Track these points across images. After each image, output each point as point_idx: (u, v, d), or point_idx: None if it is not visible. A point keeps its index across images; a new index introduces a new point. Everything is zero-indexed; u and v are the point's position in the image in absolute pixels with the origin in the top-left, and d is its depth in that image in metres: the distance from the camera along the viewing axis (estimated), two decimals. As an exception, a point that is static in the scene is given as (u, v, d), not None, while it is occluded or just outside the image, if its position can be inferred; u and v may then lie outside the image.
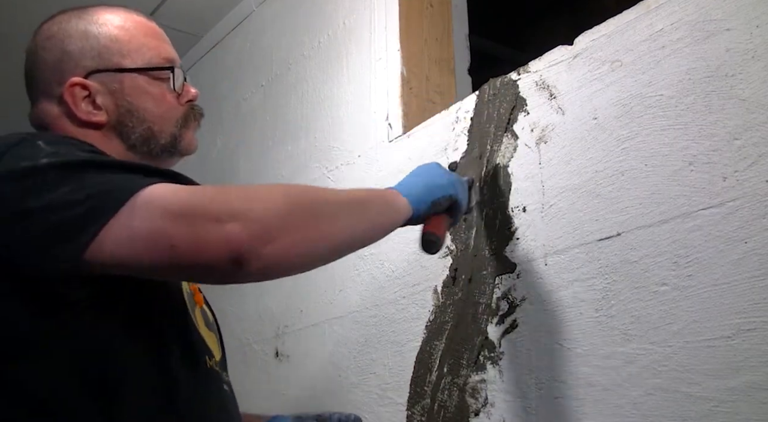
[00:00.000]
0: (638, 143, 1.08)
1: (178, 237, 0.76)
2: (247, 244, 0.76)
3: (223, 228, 0.76)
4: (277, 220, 0.79)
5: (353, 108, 1.73)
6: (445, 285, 1.35)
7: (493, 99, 1.35)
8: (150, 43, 1.03)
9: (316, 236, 0.84)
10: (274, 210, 0.80)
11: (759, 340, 0.90)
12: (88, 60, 0.99)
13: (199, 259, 0.77)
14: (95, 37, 1.00)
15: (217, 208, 0.78)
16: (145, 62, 1.01)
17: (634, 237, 1.06)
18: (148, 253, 0.77)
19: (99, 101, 0.98)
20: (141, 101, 1.00)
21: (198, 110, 1.09)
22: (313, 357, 1.66)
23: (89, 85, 0.98)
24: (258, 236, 0.77)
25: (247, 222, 0.77)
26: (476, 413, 1.23)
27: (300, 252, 0.82)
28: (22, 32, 2.39)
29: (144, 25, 1.04)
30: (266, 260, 0.78)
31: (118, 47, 1.00)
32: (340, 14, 1.86)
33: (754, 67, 0.96)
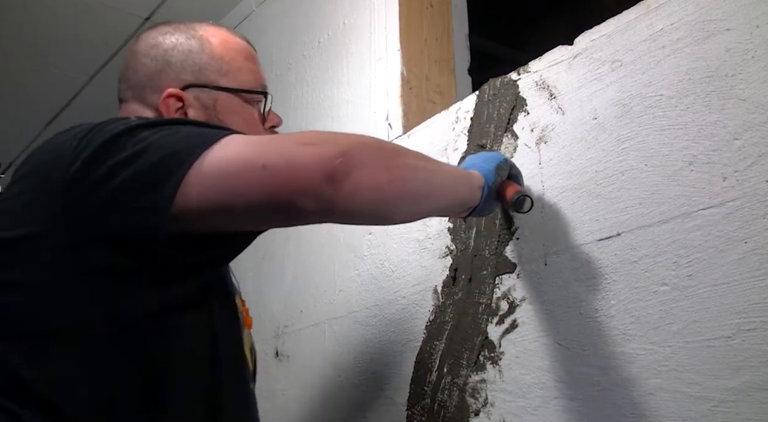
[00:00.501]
0: (638, 143, 1.08)
1: (267, 157, 0.76)
2: (338, 160, 0.77)
3: (313, 148, 0.77)
4: (365, 149, 0.82)
5: (353, 108, 1.73)
6: (445, 285, 1.35)
7: (493, 99, 1.35)
8: (248, 66, 1.06)
9: (403, 170, 0.86)
10: (367, 144, 0.83)
11: (759, 340, 0.90)
12: (188, 73, 1.02)
13: (292, 177, 0.76)
14: (198, 52, 1.03)
15: (303, 137, 0.80)
16: (241, 84, 1.04)
17: (634, 237, 1.06)
18: (238, 179, 0.76)
19: (190, 114, 1.01)
20: (230, 120, 1.02)
21: None
22: (313, 357, 1.66)
23: (184, 97, 1.01)
24: (348, 156, 0.78)
25: (337, 145, 0.79)
26: (476, 413, 1.23)
27: (388, 181, 0.83)
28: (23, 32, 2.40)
29: (245, 49, 1.08)
30: (357, 181, 0.79)
31: (219, 65, 1.03)
32: (340, 14, 1.86)
33: (754, 67, 0.96)
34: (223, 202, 0.77)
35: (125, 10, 2.29)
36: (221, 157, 0.77)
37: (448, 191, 0.98)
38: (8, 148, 2.95)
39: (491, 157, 1.10)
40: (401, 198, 0.87)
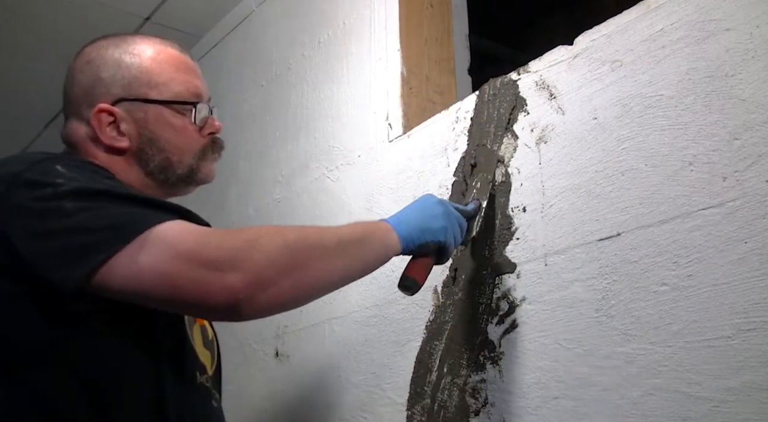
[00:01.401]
0: (638, 143, 1.08)
1: (181, 280, 0.82)
2: (243, 293, 0.82)
3: (223, 277, 0.82)
4: (274, 269, 0.85)
5: (353, 108, 1.73)
6: (445, 285, 1.35)
7: (493, 99, 1.35)
8: (179, 77, 1.08)
9: (309, 281, 0.90)
10: (271, 258, 0.85)
11: (759, 340, 0.90)
12: (118, 88, 1.04)
13: (199, 302, 0.83)
14: (128, 66, 1.05)
15: (220, 256, 0.83)
16: (171, 95, 1.06)
17: (634, 237, 1.06)
18: (151, 289, 0.82)
19: (123, 128, 1.04)
20: (162, 131, 1.05)
21: (219, 143, 1.15)
22: (313, 357, 1.65)
23: (115, 112, 1.03)
24: (254, 285, 0.83)
25: (246, 272, 0.82)
26: (476, 413, 1.23)
27: (293, 295, 0.88)
28: (23, 32, 2.40)
29: (176, 59, 1.09)
30: (261, 305, 0.84)
31: (147, 78, 1.05)
32: (340, 14, 1.86)
33: (754, 67, 0.96)
34: (134, 298, 0.84)
35: (125, 10, 2.29)
36: (137, 262, 0.81)
37: (360, 275, 1.01)
38: (8, 148, 2.95)
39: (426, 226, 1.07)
40: (308, 301, 0.93)
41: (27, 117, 2.79)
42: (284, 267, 0.86)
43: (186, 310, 0.91)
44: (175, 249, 0.82)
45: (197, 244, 0.83)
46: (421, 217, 1.08)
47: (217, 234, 0.86)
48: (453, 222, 1.11)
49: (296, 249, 0.88)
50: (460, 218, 1.14)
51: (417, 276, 1.10)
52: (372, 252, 1.00)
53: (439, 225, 1.08)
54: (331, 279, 0.94)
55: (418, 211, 1.09)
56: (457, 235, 1.13)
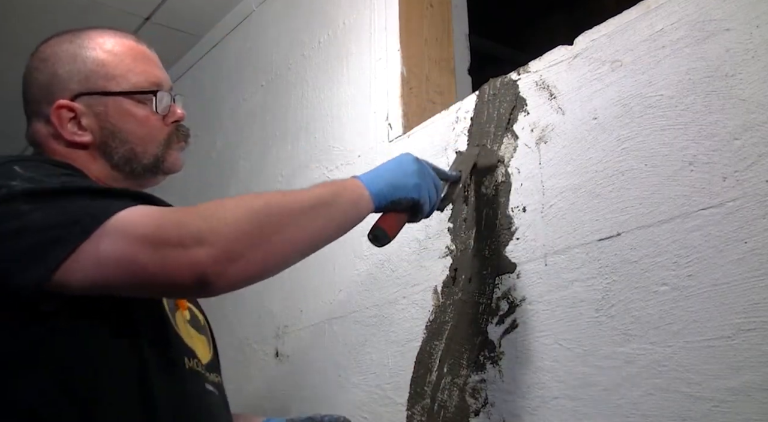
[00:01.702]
0: (638, 143, 1.08)
1: (144, 262, 0.80)
2: (211, 267, 0.80)
3: (187, 253, 0.80)
4: (241, 239, 0.83)
5: (353, 108, 1.73)
6: (445, 285, 1.35)
7: (493, 99, 1.35)
8: (137, 67, 1.06)
9: (281, 248, 0.87)
10: (237, 229, 0.83)
11: (759, 340, 0.90)
12: (75, 83, 1.03)
13: (167, 282, 0.81)
14: (83, 60, 1.04)
15: (182, 233, 0.81)
16: (130, 86, 1.05)
17: (634, 237, 1.06)
18: (117, 277, 0.81)
19: (84, 123, 1.03)
20: (124, 123, 1.04)
21: (183, 131, 1.13)
22: (313, 357, 1.66)
23: (75, 108, 1.02)
24: (222, 258, 0.81)
25: (212, 245, 0.80)
26: (476, 413, 1.23)
27: (264, 264, 0.86)
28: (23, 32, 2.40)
29: (133, 49, 1.08)
30: (231, 278, 0.82)
31: (105, 71, 1.04)
32: (340, 14, 1.86)
33: (754, 67, 0.96)
34: (100, 286, 0.82)
35: (125, 10, 2.29)
36: (97, 253, 0.80)
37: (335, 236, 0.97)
38: (8, 148, 2.95)
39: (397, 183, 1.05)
40: (279, 269, 0.90)
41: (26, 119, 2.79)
42: (253, 237, 0.83)
43: (156, 292, 0.89)
44: (135, 234, 0.80)
45: (156, 225, 0.81)
46: (394, 174, 1.05)
47: (176, 212, 0.84)
48: (428, 182, 1.09)
49: (263, 216, 0.86)
50: (435, 178, 1.12)
51: (388, 228, 1.06)
52: (341, 212, 0.97)
53: (413, 183, 1.06)
54: (303, 244, 0.91)
55: (391, 168, 1.07)
56: (432, 195, 1.10)
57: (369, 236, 1.07)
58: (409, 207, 1.07)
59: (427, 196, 1.08)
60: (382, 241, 1.07)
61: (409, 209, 1.08)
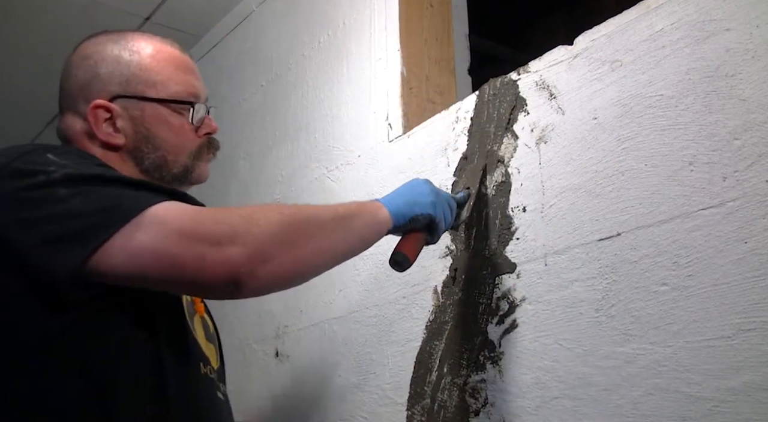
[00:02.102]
0: (638, 143, 1.08)
1: (180, 256, 0.81)
2: (244, 267, 0.81)
3: (222, 251, 0.81)
4: (273, 242, 0.85)
5: (353, 108, 1.73)
6: (445, 285, 1.35)
7: (493, 99, 1.35)
8: (178, 76, 1.07)
9: (309, 254, 0.90)
10: (269, 232, 0.85)
11: (759, 340, 0.90)
12: (116, 85, 1.04)
13: (200, 278, 0.81)
14: (126, 64, 1.05)
15: (218, 231, 0.82)
16: (169, 94, 1.06)
17: (634, 237, 1.06)
18: (151, 268, 0.81)
19: (119, 124, 1.03)
20: (159, 130, 1.05)
21: (214, 143, 1.15)
22: (313, 357, 1.66)
23: (112, 109, 1.03)
24: (254, 258, 0.82)
25: (245, 245, 0.82)
26: (476, 413, 1.23)
27: (293, 269, 0.88)
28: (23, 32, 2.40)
29: (176, 58, 1.09)
30: (262, 280, 0.83)
31: (146, 76, 1.05)
32: (340, 14, 1.86)
33: (754, 67, 0.96)
34: (133, 278, 0.83)
35: (125, 10, 2.29)
36: (134, 242, 0.81)
37: (356, 251, 1.02)
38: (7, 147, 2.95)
39: (415, 201, 1.10)
40: (308, 277, 0.93)
41: (27, 117, 2.79)
42: (283, 241, 0.86)
43: (187, 289, 0.90)
44: (172, 227, 0.81)
45: (194, 221, 0.83)
46: (410, 194, 1.10)
47: (213, 211, 0.86)
48: (442, 201, 1.13)
49: (294, 222, 0.89)
50: (449, 199, 1.17)
51: (408, 251, 1.10)
52: (364, 225, 1.01)
53: (428, 200, 1.10)
54: (329, 253, 0.94)
55: (406, 190, 1.11)
56: (447, 213, 1.14)
57: (390, 262, 1.11)
58: (425, 224, 1.10)
59: (442, 214, 1.12)
60: (403, 266, 1.11)
61: (426, 227, 1.11)
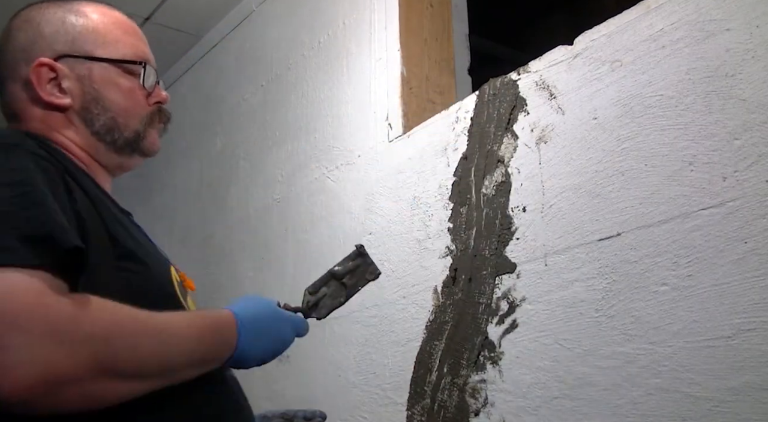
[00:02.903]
0: (638, 143, 1.08)
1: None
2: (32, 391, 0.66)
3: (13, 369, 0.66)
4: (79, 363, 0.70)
5: (353, 108, 1.73)
6: (445, 285, 1.35)
7: (493, 99, 1.35)
8: (127, 39, 1.04)
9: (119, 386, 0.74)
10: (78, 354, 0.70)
11: (759, 340, 0.90)
12: (61, 44, 0.99)
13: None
14: (72, 24, 1.00)
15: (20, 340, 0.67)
16: (118, 55, 1.01)
17: (634, 237, 1.06)
18: None
19: (65, 85, 0.98)
20: (108, 91, 1.00)
21: (165, 113, 1.09)
22: (313, 357, 1.65)
23: (57, 68, 0.98)
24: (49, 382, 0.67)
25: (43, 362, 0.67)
26: (476, 413, 1.23)
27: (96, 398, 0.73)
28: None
29: (124, 23, 1.06)
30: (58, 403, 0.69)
31: (94, 37, 1.01)
32: (340, 14, 1.86)
33: (754, 67, 0.96)
34: None
35: (125, 10, 2.29)
36: None
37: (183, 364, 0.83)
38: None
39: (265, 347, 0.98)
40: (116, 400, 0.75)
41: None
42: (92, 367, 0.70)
43: None
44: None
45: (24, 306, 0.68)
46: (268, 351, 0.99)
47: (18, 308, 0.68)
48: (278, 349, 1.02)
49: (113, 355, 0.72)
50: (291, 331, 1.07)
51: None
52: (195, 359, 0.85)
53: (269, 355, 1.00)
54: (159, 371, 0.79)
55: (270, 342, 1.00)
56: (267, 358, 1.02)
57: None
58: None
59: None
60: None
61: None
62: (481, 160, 1.33)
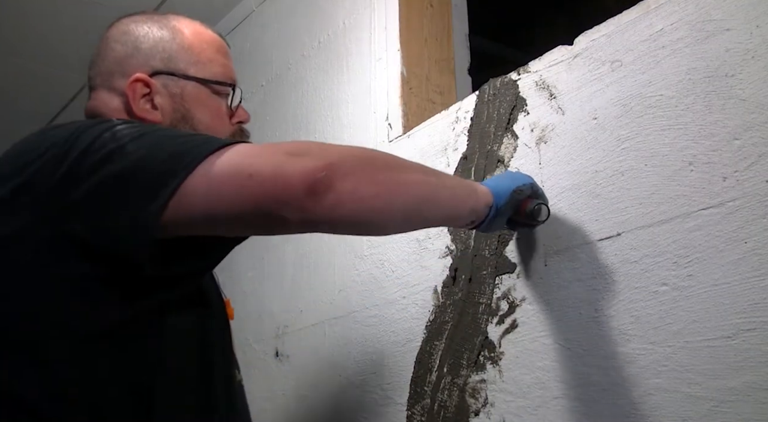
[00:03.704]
0: (638, 143, 1.08)
1: (255, 167, 0.77)
2: (321, 173, 0.76)
3: (300, 159, 0.77)
4: (352, 160, 0.81)
5: (353, 108, 1.73)
6: (445, 285, 1.35)
7: (493, 99, 1.35)
8: (219, 59, 1.07)
9: (391, 184, 0.84)
10: (348, 153, 0.82)
11: (759, 340, 0.90)
12: (157, 60, 1.02)
13: (275, 187, 0.76)
14: (169, 41, 1.03)
15: (296, 146, 0.80)
16: (211, 75, 1.05)
17: (634, 237, 1.06)
18: (224, 187, 0.77)
19: (157, 101, 1.01)
20: (197, 110, 1.03)
21: (246, 133, 1.12)
22: (313, 357, 1.66)
23: (151, 84, 1.00)
24: (333, 168, 0.78)
25: (323, 158, 0.78)
26: (476, 413, 1.23)
27: (371, 196, 0.81)
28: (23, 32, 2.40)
29: (217, 42, 1.09)
30: (340, 194, 0.78)
31: (188, 55, 1.04)
32: (340, 14, 1.86)
33: (754, 67, 0.96)
34: (208, 208, 0.78)
35: (125, 10, 2.29)
36: (214, 166, 0.77)
37: (446, 208, 0.95)
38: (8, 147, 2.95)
39: (513, 178, 1.07)
40: (388, 212, 0.85)
41: (27, 117, 2.79)
42: (363, 163, 0.82)
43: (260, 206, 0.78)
44: (245, 151, 0.79)
45: (270, 144, 0.81)
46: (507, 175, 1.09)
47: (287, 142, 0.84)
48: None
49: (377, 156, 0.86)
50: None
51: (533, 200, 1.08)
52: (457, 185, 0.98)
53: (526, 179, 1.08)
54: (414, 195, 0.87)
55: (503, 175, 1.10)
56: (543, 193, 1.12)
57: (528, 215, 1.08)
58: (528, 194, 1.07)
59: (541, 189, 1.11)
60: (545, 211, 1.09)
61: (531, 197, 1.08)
62: (481, 160, 1.33)
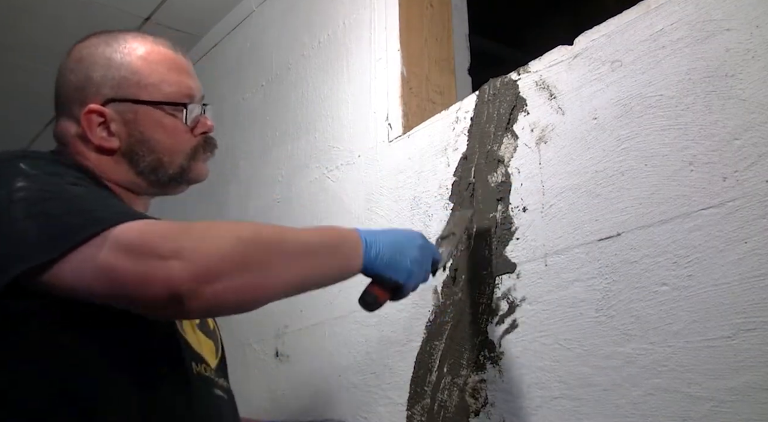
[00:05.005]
0: (638, 143, 1.08)
1: (122, 271, 0.78)
2: (187, 283, 0.77)
3: (165, 265, 0.78)
4: (222, 262, 0.80)
5: (353, 108, 1.73)
6: (445, 286, 1.35)
7: (493, 99, 1.35)
8: (171, 78, 1.07)
9: (261, 282, 0.85)
10: (219, 251, 0.80)
11: (759, 340, 0.90)
12: (108, 88, 1.03)
13: (141, 294, 0.79)
14: (117, 67, 1.04)
15: (164, 245, 0.79)
16: (162, 96, 1.05)
17: (634, 237, 1.06)
18: (95, 283, 0.80)
19: (113, 128, 1.03)
20: (153, 132, 1.04)
21: (211, 142, 1.13)
22: (313, 357, 1.65)
23: (105, 113, 1.02)
24: (198, 276, 0.78)
25: (190, 261, 0.78)
26: (476, 413, 1.23)
27: (244, 293, 0.83)
28: (23, 32, 2.40)
29: (168, 58, 1.08)
30: (206, 300, 0.79)
31: (137, 79, 1.04)
32: (340, 14, 1.86)
33: (754, 67, 0.96)
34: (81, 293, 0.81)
35: (125, 10, 2.29)
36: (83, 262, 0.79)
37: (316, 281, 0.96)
38: (8, 148, 2.95)
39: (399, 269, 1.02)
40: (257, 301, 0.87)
41: (26, 117, 2.79)
42: (235, 262, 0.81)
43: (129, 305, 0.83)
44: (117, 242, 0.79)
45: (140, 234, 0.80)
46: (394, 252, 1.02)
47: (165, 225, 0.83)
48: (421, 271, 1.07)
49: (250, 246, 0.84)
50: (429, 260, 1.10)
51: (379, 295, 1.05)
52: (329, 267, 0.95)
53: (407, 268, 1.03)
54: (284, 285, 0.89)
55: (395, 243, 1.03)
56: (418, 282, 1.07)
57: (360, 301, 1.05)
58: (390, 287, 1.04)
59: (413, 285, 1.06)
60: (372, 307, 1.06)
61: (390, 289, 1.05)
62: (481, 160, 1.33)
